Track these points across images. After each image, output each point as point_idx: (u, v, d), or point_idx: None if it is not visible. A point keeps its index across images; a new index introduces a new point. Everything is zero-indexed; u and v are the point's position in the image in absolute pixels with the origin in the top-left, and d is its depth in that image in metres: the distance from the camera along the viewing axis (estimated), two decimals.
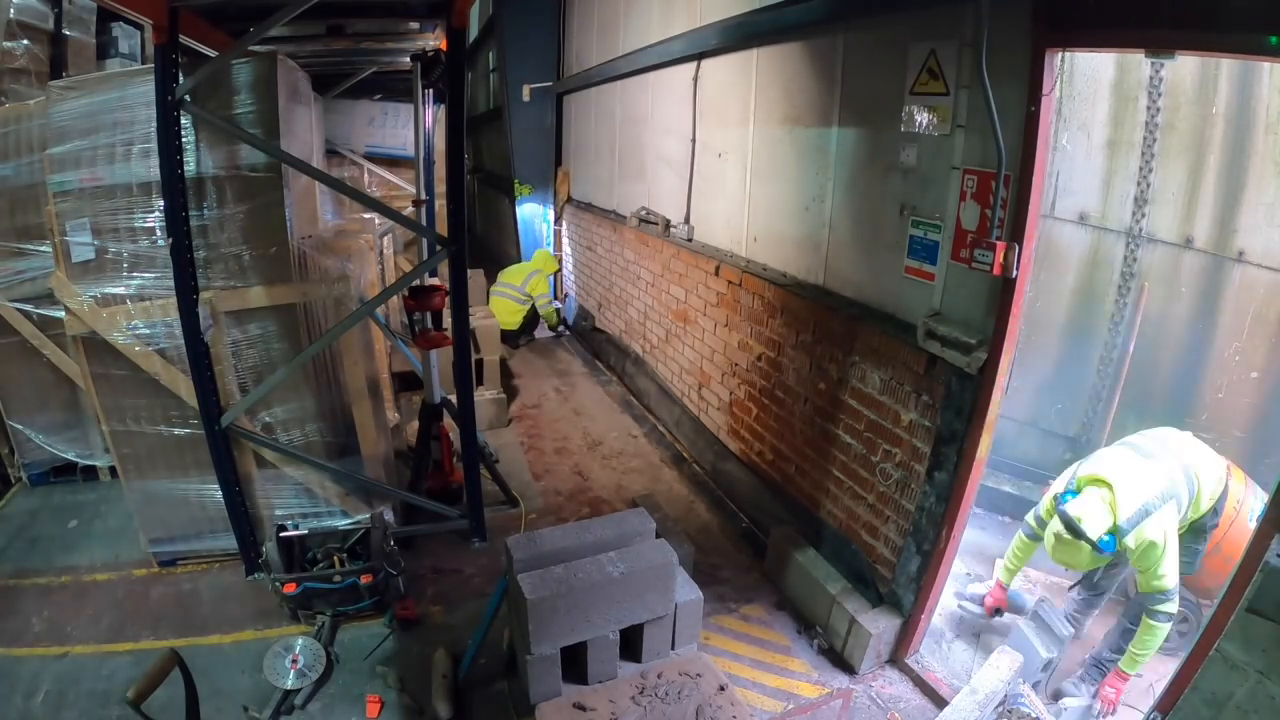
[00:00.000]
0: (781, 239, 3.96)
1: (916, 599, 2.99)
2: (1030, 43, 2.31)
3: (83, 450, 4.48)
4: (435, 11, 3.63)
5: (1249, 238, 3.37)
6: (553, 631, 2.47)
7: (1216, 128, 3.38)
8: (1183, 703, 1.89)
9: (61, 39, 4.93)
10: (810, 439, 3.66)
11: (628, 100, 6.22)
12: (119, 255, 3.25)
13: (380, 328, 4.68)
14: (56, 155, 3.15)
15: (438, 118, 5.47)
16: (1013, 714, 2.72)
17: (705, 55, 4.63)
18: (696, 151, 4.88)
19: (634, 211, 5.97)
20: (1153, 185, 3.56)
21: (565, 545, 2.65)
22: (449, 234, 3.40)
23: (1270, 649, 1.71)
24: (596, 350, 7.23)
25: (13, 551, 3.87)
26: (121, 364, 3.32)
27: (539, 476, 4.80)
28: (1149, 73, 3.46)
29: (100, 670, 3.03)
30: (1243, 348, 3.48)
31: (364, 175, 6.39)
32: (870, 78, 3.14)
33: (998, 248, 2.43)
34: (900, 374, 3.00)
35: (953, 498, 2.77)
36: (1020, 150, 2.38)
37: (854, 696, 3.00)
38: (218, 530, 3.63)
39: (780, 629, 3.38)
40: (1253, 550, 1.76)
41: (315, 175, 3.49)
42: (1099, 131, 3.65)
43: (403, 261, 6.35)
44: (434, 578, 3.69)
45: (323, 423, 3.63)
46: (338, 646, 3.19)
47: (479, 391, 5.25)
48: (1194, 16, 1.93)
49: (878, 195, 3.12)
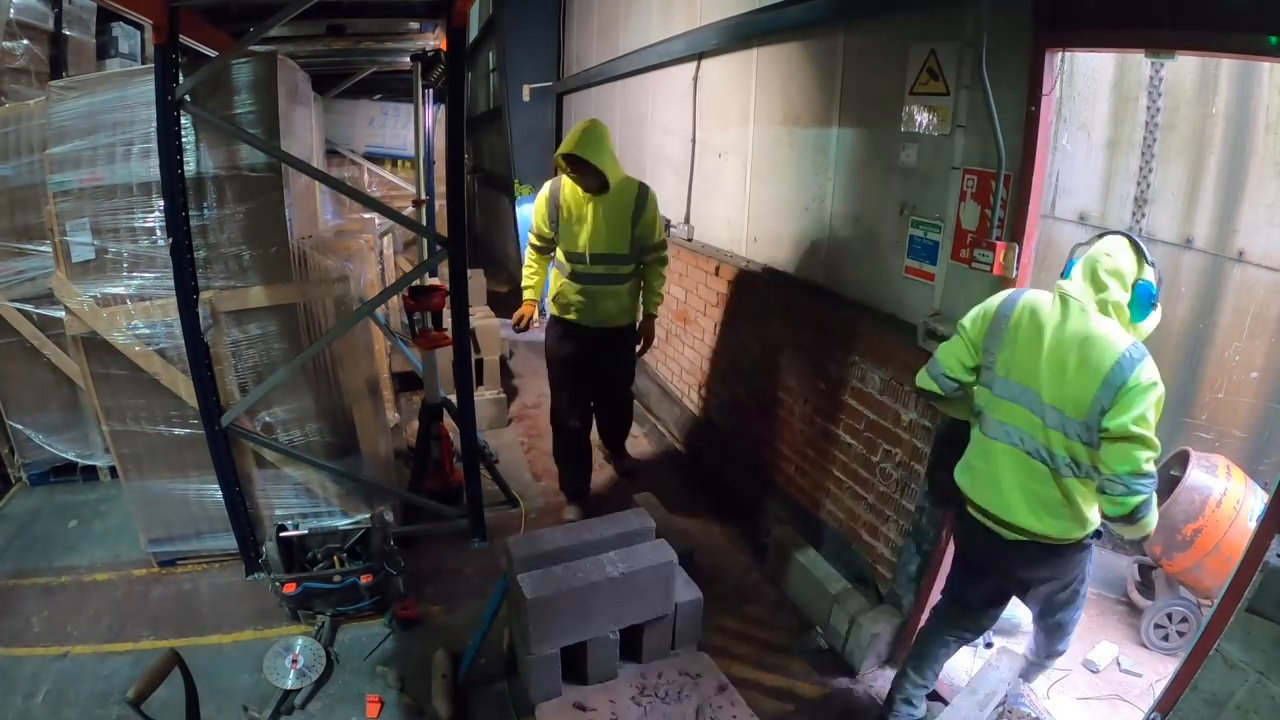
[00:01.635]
0: (781, 239, 3.96)
1: (916, 599, 2.99)
2: (1030, 43, 2.31)
3: (83, 450, 4.48)
4: (435, 11, 3.63)
5: (1249, 238, 3.37)
6: (553, 631, 2.47)
7: (1216, 128, 3.38)
8: (1182, 703, 1.89)
9: (61, 39, 4.93)
10: (810, 439, 3.66)
11: (628, 100, 6.22)
12: (119, 255, 3.25)
13: (380, 328, 4.68)
14: (56, 155, 3.15)
15: (438, 118, 5.48)
16: (1013, 714, 2.72)
17: (705, 55, 4.63)
18: (696, 151, 4.88)
19: None
20: (1153, 185, 3.56)
21: (565, 545, 2.65)
22: (449, 234, 3.40)
23: (1270, 649, 1.71)
24: None
25: (13, 551, 3.87)
26: (121, 364, 3.32)
27: (539, 476, 4.80)
28: (1149, 73, 3.45)
29: (100, 670, 3.03)
30: (1243, 348, 3.48)
31: (364, 175, 6.40)
32: (870, 78, 3.14)
33: (998, 248, 2.43)
34: (900, 374, 3.00)
35: None
36: (1020, 150, 2.38)
37: (854, 697, 3.00)
38: (218, 530, 3.63)
39: (780, 629, 3.38)
40: (1253, 550, 1.75)
41: (315, 175, 3.50)
42: (1099, 131, 3.65)
43: (403, 261, 6.35)
44: (434, 578, 3.69)
45: (323, 423, 3.63)
46: (338, 646, 3.19)
47: (479, 391, 5.25)
48: (1194, 16, 1.92)
49: (878, 195, 3.12)
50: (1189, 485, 3.10)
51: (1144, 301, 2.05)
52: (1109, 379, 1.95)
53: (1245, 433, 3.54)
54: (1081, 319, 2.05)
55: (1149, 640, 3.18)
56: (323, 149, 5.58)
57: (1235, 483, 3.08)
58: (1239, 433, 3.55)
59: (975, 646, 3.15)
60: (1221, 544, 2.99)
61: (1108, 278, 2.04)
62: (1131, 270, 2.06)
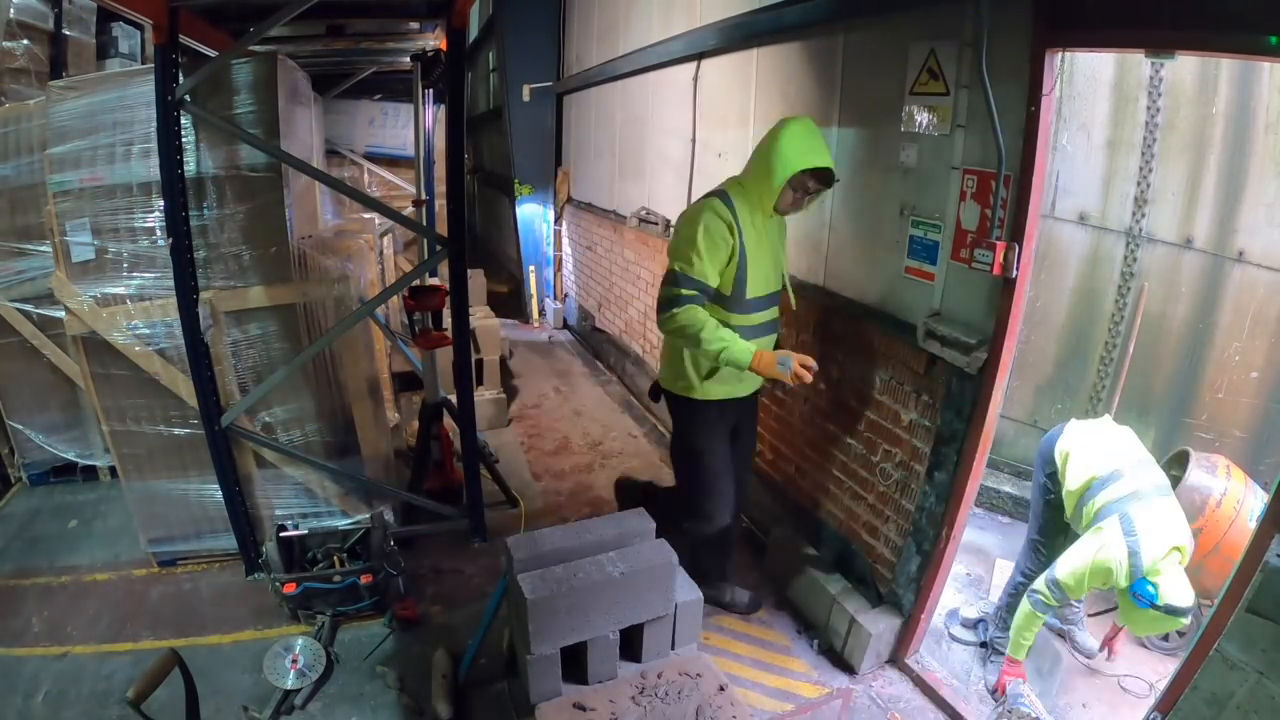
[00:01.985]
0: None
1: (916, 599, 2.99)
2: (1030, 43, 2.31)
3: (83, 450, 4.48)
4: (435, 11, 3.63)
5: (1249, 238, 3.37)
6: (553, 631, 2.47)
7: (1216, 128, 3.38)
8: (1183, 703, 1.89)
9: (61, 39, 4.93)
10: (810, 439, 3.66)
11: (628, 100, 6.22)
12: (119, 255, 3.25)
13: (380, 328, 4.68)
14: (56, 155, 3.15)
15: (438, 118, 5.48)
16: (1013, 714, 2.72)
17: (705, 55, 4.63)
18: (697, 151, 4.88)
19: (634, 212, 5.97)
20: (1153, 185, 3.56)
21: (565, 545, 2.65)
22: (449, 234, 3.40)
23: (1270, 649, 1.71)
24: (596, 350, 7.23)
25: (13, 551, 3.87)
26: (121, 364, 3.32)
27: (539, 476, 4.80)
28: (1149, 73, 3.46)
29: (100, 670, 3.03)
30: (1243, 348, 3.48)
31: (364, 175, 6.40)
32: (870, 77, 3.14)
33: (998, 248, 2.43)
34: (900, 374, 3.00)
35: (953, 498, 2.77)
36: (1020, 150, 2.37)
37: (854, 696, 3.00)
38: (218, 530, 3.63)
39: (780, 629, 3.38)
40: (1253, 550, 1.75)
41: (315, 175, 3.49)
42: (1099, 131, 3.65)
43: (403, 261, 6.36)
44: (434, 578, 3.69)
45: (323, 423, 3.63)
46: (338, 646, 3.19)
47: (479, 391, 5.25)
48: (1194, 16, 1.92)
49: (878, 195, 3.12)
50: (1189, 485, 3.10)
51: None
52: None
53: (1245, 433, 3.54)
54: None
55: (1149, 640, 3.18)
56: (323, 149, 5.58)
57: (1235, 483, 3.08)
58: (1239, 433, 3.55)
59: (981, 650, 3.15)
60: (1221, 544, 2.99)
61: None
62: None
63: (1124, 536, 2.45)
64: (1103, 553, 2.47)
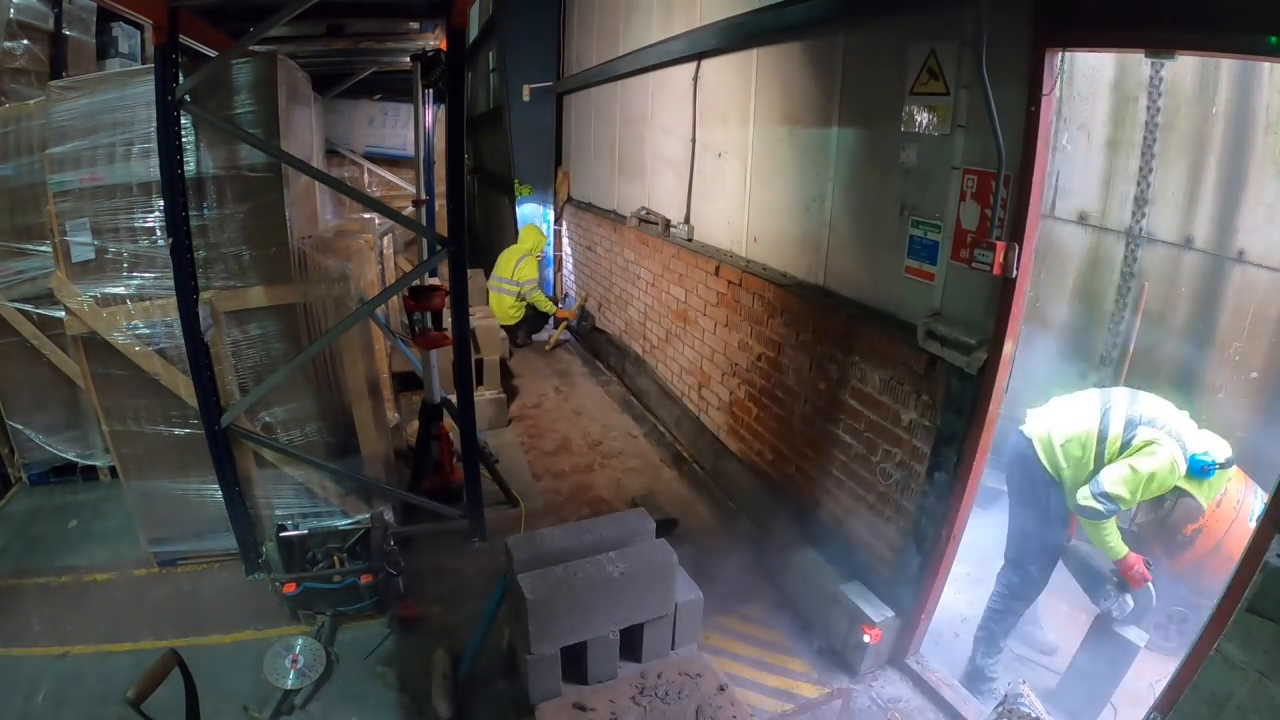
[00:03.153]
0: (781, 239, 3.96)
1: (916, 599, 2.99)
2: (1030, 43, 2.31)
3: (83, 450, 4.48)
4: (435, 11, 3.63)
5: (1249, 238, 3.36)
6: (553, 631, 2.47)
7: (1216, 128, 3.37)
8: (1183, 703, 1.89)
9: (61, 39, 4.92)
10: (810, 439, 3.66)
11: (628, 100, 6.22)
12: (119, 255, 3.25)
13: (380, 328, 4.68)
14: (56, 155, 3.16)
15: (438, 118, 5.48)
16: (1013, 714, 2.72)
17: (705, 55, 4.63)
18: (696, 151, 4.88)
19: (634, 211, 5.97)
20: (1153, 185, 3.56)
21: (565, 545, 2.65)
22: (449, 234, 3.40)
23: (1270, 649, 1.71)
24: (596, 350, 7.23)
25: (13, 551, 3.87)
26: (121, 364, 3.32)
27: (539, 476, 4.80)
28: (1149, 73, 3.45)
29: (100, 670, 3.03)
30: (1243, 348, 3.47)
31: (364, 175, 6.40)
32: (870, 78, 3.14)
33: (998, 248, 2.43)
34: (900, 374, 3.00)
35: (953, 497, 2.77)
36: (1020, 150, 2.38)
37: (854, 697, 3.00)
38: (218, 530, 3.63)
39: (780, 629, 3.38)
40: (1253, 550, 1.75)
41: (315, 175, 3.50)
42: (1099, 131, 3.65)
43: (403, 261, 6.36)
44: (434, 578, 3.68)
45: (323, 423, 3.63)
46: (338, 646, 3.19)
47: (479, 391, 5.25)
48: (1194, 16, 1.92)
49: (878, 195, 3.12)
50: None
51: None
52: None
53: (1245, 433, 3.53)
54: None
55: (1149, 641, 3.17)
56: (323, 149, 5.58)
57: (1235, 483, 3.08)
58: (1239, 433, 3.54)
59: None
60: (1222, 544, 2.99)
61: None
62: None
63: (1167, 436, 2.64)
64: (1160, 455, 2.62)
